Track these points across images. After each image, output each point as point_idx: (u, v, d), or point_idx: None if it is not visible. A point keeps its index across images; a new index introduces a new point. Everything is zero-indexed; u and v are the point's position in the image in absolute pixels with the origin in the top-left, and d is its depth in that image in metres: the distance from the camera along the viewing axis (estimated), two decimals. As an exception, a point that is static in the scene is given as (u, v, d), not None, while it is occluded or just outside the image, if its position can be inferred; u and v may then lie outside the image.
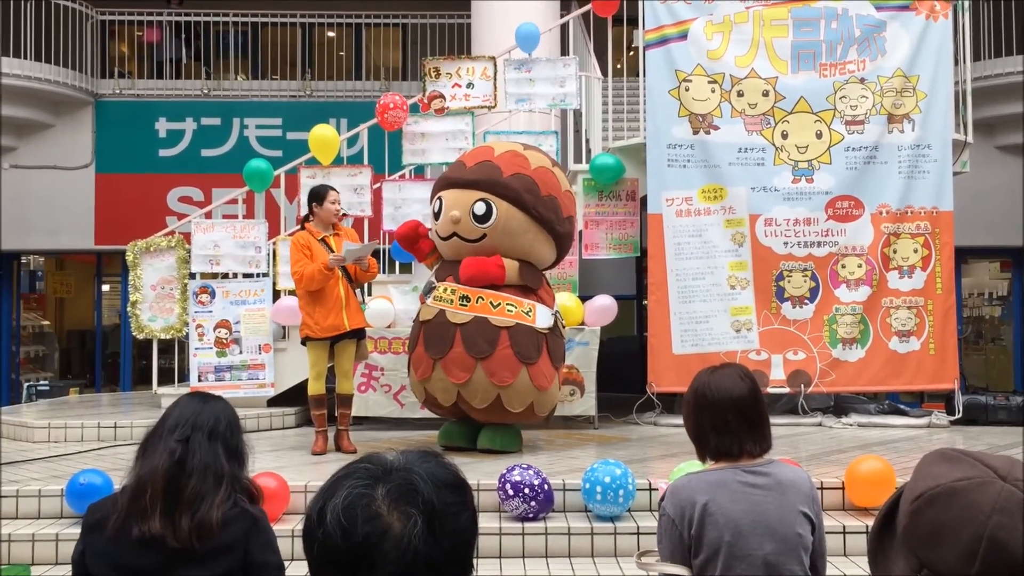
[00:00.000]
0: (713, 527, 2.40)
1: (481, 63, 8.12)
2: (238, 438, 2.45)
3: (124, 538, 2.28)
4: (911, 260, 7.75)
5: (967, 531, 1.04)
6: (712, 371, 2.59)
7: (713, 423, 2.51)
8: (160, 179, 11.92)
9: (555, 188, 6.12)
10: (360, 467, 1.20)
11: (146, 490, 2.28)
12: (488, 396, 5.91)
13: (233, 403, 2.59)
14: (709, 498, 2.43)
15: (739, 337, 7.61)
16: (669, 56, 7.80)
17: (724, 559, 2.39)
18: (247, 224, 8.08)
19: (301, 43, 13.11)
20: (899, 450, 6.32)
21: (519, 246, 6.04)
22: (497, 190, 5.94)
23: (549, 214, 6.02)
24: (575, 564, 4.48)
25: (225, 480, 2.34)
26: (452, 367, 5.90)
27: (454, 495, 1.20)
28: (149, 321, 7.96)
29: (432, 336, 6.00)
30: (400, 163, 8.19)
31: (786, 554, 2.39)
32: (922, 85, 7.76)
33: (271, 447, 6.54)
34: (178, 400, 2.52)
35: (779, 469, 2.52)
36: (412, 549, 1.12)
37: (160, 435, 2.39)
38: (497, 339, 5.87)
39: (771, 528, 2.39)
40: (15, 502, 4.97)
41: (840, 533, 4.64)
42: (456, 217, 5.98)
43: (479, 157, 6.20)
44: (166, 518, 2.25)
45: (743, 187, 7.69)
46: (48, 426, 6.99)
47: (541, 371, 5.99)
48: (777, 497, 2.44)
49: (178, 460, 2.31)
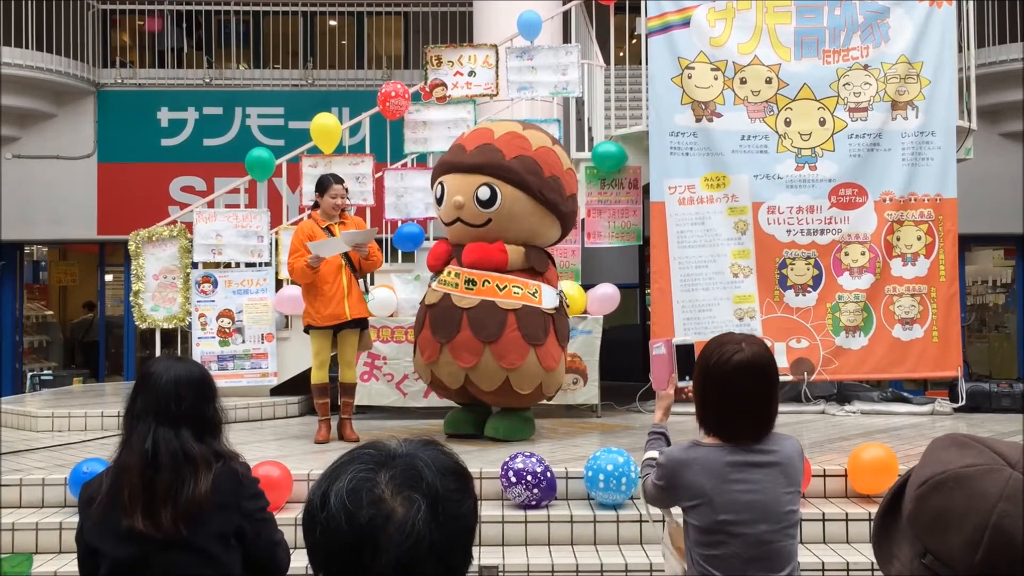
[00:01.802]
0: (708, 507, 2.44)
1: (483, 51, 8.09)
2: (204, 405, 2.45)
3: (111, 525, 2.33)
4: (914, 247, 7.73)
5: (973, 518, 1.04)
6: (731, 343, 2.54)
7: (723, 402, 2.50)
8: (162, 168, 11.92)
9: (557, 167, 6.09)
10: (363, 453, 1.21)
11: (123, 487, 2.33)
12: (497, 379, 5.91)
13: (236, 392, 2.62)
14: (704, 481, 2.45)
15: (742, 325, 7.59)
16: (672, 43, 7.76)
17: (719, 535, 2.44)
18: (249, 213, 8.08)
19: (303, 32, 13.08)
20: (902, 438, 6.31)
21: (524, 228, 6.02)
22: (500, 174, 5.88)
23: (553, 195, 5.99)
24: (578, 552, 4.48)
25: (199, 460, 2.37)
26: (460, 351, 5.89)
27: (456, 482, 1.20)
28: (152, 311, 7.96)
29: (438, 320, 5.98)
30: (402, 152, 8.17)
31: (778, 531, 2.46)
32: (926, 72, 7.73)
33: (274, 436, 6.55)
34: (145, 371, 2.50)
35: (781, 445, 2.53)
36: (416, 533, 1.13)
37: (134, 414, 2.42)
38: (505, 322, 5.86)
39: (766, 510, 2.45)
40: (19, 490, 4.99)
41: (843, 520, 4.65)
42: (460, 203, 5.94)
43: (479, 140, 6.10)
44: (147, 517, 2.30)
45: (746, 175, 7.67)
46: (52, 415, 7.00)
47: (548, 352, 6.00)
48: (775, 476, 2.47)
49: (148, 458, 2.35)
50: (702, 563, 2.48)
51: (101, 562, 2.34)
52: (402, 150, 8.15)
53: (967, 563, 1.03)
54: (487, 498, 4.77)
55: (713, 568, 2.45)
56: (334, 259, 6.03)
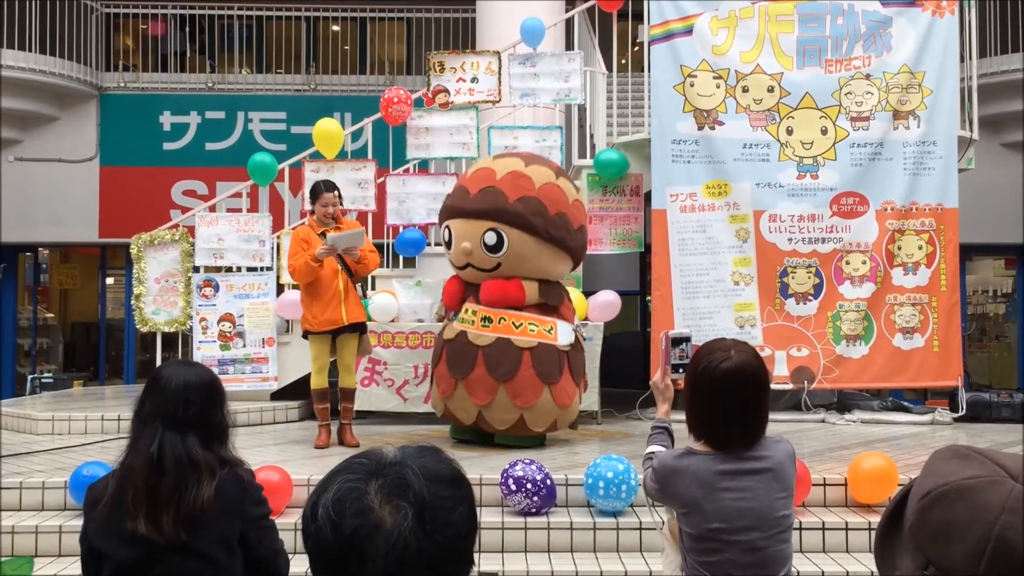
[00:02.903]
0: (700, 515, 2.44)
1: (485, 58, 8.11)
2: (212, 411, 2.47)
3: (115, 527, 2.35)
4: (916, 257, 7.73)
5: (975, 530, 1.04)
6: (720, 350, 2.53)
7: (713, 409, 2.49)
8: (164, 172, 11.93)
9: (562, 203, 6.02)
10: (355, 462, 1.20)
11: (128, 490, 2.35)
12: (511, 417, 5.95)
13: (236, 396, 2.62)
14: (695, 491, 2.45)
15: (743, 333, 7.59)
16: (674, 51, 7.78)
17: (713, 543, 2.44)
18: (251, 218, 8.09)
19: (305, 37, 13.10)
20: (902, 447, 6.31)
21: (535, 267, 6.03)
22: (505, 218, 5.86)
23: (560, 233, 5.97)
24: (577, 559, 4.48)
25: (203, 466, 2.39)
26: (475, 388, 5.93)
27: (449, 489, 1.19)
28: (153, 314, 7.97)
29: (455, 356, 6.03)
30: (404, 157, 8.17)
31: (772, 537, 2.46)
32: (928, 81, 7.74)
33: (274, 440, 6.55)
34: (155, 374, 2.52)
35: (773, 451, 2.52)
36: (402, 542, 1.12)
37: (142, 418, 2.44)
38: (520, 360, 5.88)
39: (759, 516, 2.45)
40: (19, 494, 4.99)
41: (843, 530, 4.64)
42: (468, 249, 5.96)
43: (482, 183, 6.04)
44: (150, 521, 2.32)
45: (748, 183, 7.67)
46: (52, 418, 7.00)
47: (563, 389, 6.01)
48: (767, 483, 2.46)
49: (154, 462, 2.36)
50: (697, 567, 2.48)
51: (104, 564, 2.35)
52: (404, 156, 8.16)
53: (970, 575, 1.03)
54: (487, 504, 4.77)
55: (708, 572, 2.45)
56: (330, 264, 6.04)
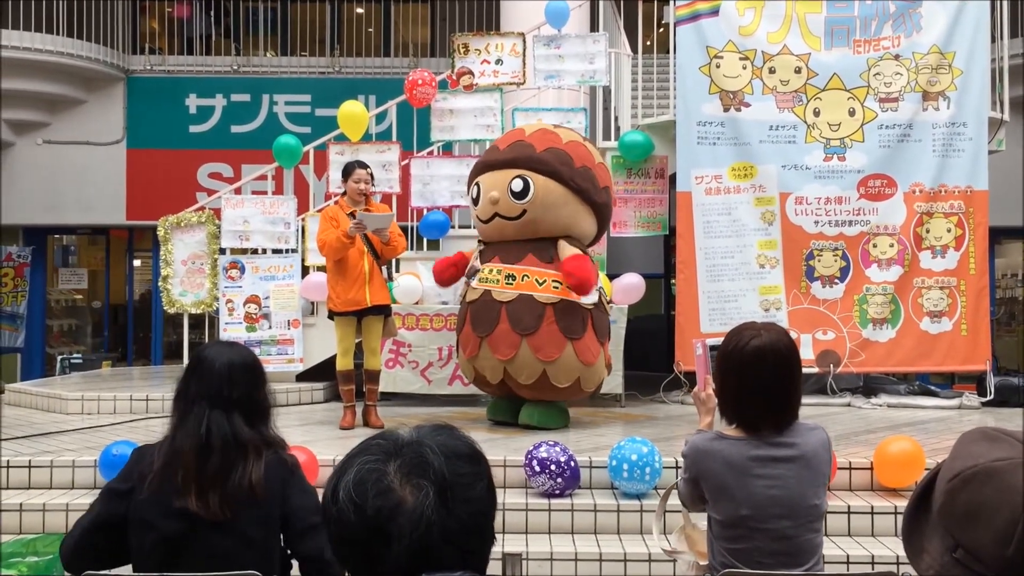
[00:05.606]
0: (730, 501, 2.43)
1: (510, 39, 8.08)
2: (255, 391, 2.51)
3: (163, 502, 2.38)
4: (944, 240, 7.65)
5: (1004, 512, 1.03)
6: (750, 329, 2.52)
7: (741, 388, 2.48)
8: (190, 155, 12.01)
9: (588, 160, 6.17)
10: (373, 444, 1.21)
11: (177, 470, 2.38)
12: (534, 372, 5.95)
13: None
14: (727, 476, 2.44)
15: (768, 316, 7.54)
16: (700, 32, 7.71)
17: (741, 529, 2.43)
18: (276, 200, 8.12)
19: (330, 19, 13.11)
20: (929, 431, 6.26)
21: (560, 219, 6.06)
22: (532, 165, 6.00)
23: (585, 183, 6.06)
24: (601, 541, 4.49)
25: (249, 445, 2.43)
26: (498, 344, 5.96)
27: (467, 465, 1.20)
28: (180, 296, 8.04)
29: (478, 315, 6.07)
30: (428, 140, 8.18)
31: (802, 526, 2.43)
32: (958, 62, 7.63)
33: (300, 421, 6.60)
34: (198, 355, 2.55)
35: (804, 438, 2.50)
36: (426, 521, 1.12)
37: (188, 397, 2.47)
38: (543, 315, 5.91)
39: (790, 505, 2.42)
40: (49, 472, 5.07)
41: (868, 514, 4.62)
42: (495, 198, 6.03)
43: (511, 139, 6.30)
44: (201, 498, 2.36)
45: (774, 165, 7.61)
46: (82, 398, 7.09)
47: (587, 346, 6.02)
48: (799, 471, 2.44)
49: (202, 442, 2.40)
50: (725, 554, 2.48)
51: (147, 534, 2.38)
52: (428, 138, 8.16)
53: (998, 557, 1.02)
54: (511, 486, 4.79)
55: (736, 560, 2.45)
56: (357, 244, 6.05)
